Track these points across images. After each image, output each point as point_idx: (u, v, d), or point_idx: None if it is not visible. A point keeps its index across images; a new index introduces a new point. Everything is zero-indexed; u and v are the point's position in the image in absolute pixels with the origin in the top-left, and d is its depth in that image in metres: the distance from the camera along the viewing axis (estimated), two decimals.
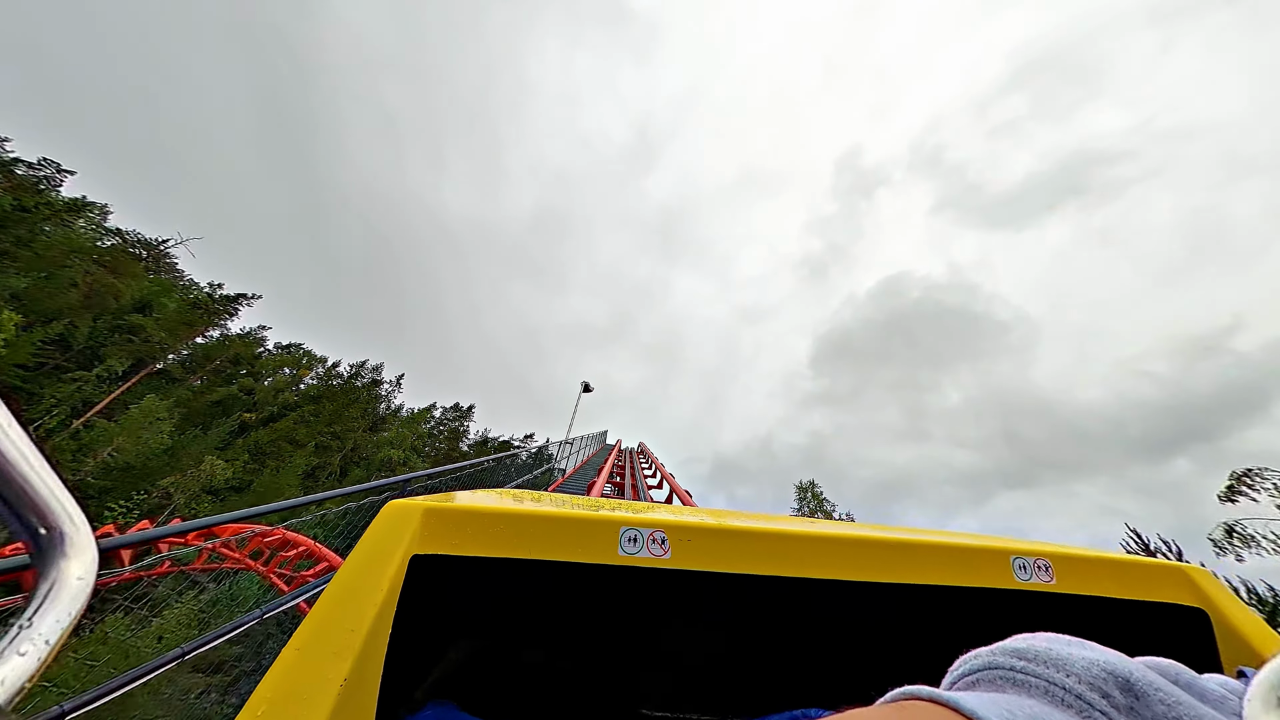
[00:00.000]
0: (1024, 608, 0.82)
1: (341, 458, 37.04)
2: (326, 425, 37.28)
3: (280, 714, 0.50)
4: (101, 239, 32.43)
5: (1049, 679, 0.25)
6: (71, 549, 0.24)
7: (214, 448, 29.45)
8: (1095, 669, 0.25)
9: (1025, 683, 0.26)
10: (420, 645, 0.86)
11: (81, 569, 0.23)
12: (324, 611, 0.59)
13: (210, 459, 27.17)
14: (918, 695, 0.26)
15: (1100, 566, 0.84)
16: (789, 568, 0.76)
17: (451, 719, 0.73)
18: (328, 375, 44.66)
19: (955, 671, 0.30)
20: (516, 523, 0.73)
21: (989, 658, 0.28)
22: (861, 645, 1.04)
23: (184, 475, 26.01)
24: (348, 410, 38.93)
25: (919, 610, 0.91)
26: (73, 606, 0.22)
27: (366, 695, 0.57)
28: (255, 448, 33.66)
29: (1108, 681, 0.24)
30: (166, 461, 26.17)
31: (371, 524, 0.72)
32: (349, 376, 45.27)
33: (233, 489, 30.14)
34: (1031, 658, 0.27)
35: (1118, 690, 0.24)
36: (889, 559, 0.79)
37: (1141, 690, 0.24)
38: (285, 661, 0.54)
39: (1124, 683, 0.24)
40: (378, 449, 38.35)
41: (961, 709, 0.23)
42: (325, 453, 36.29)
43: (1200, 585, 0.82)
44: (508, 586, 0.89)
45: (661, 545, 0.74)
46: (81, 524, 0.25)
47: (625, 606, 0.95)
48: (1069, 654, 0.26)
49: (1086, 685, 0.24)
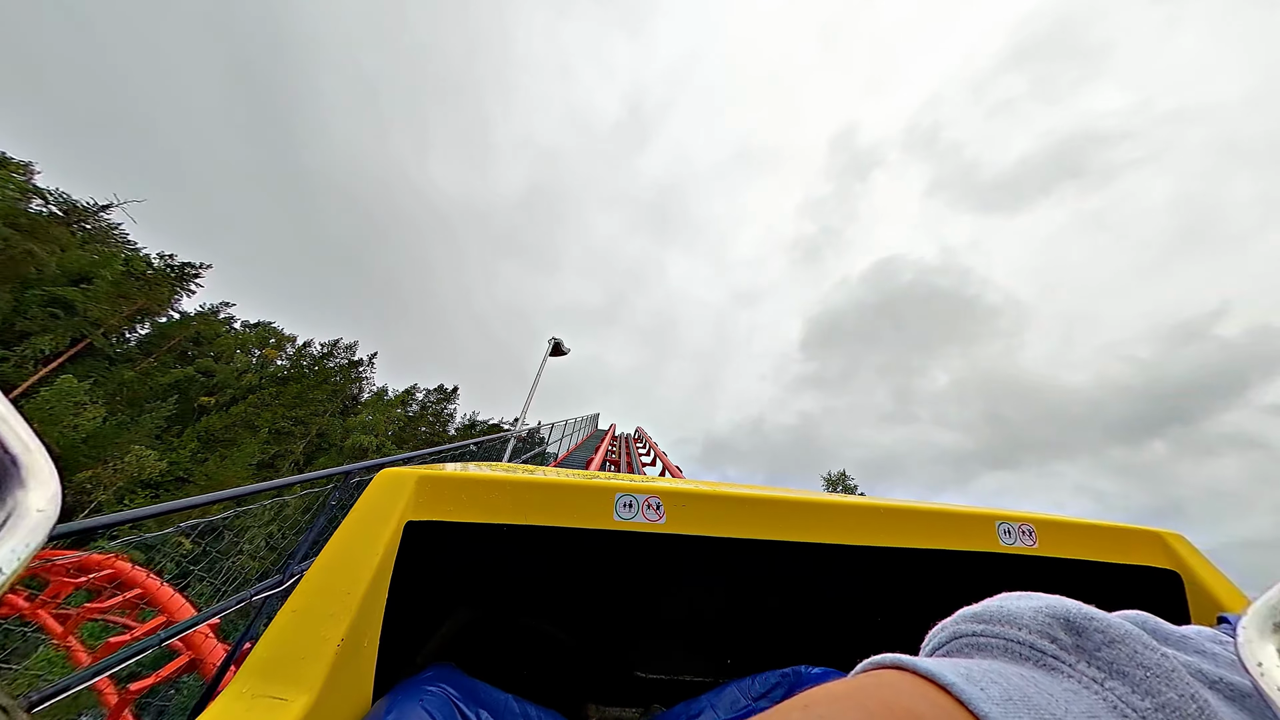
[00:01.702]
0: (1008, 570, 0.87)
1: (306, 445, 33.66)
2: (289, 409, 33.81)
3: (279, 673, 0.52)
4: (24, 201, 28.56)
5: (1005, 636, 0.27)
6: (31, 479, 0.22)
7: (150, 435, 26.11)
8: (1041, 616, 0.27)
9: (987, 645, 0.27)
10: (419, 612, 0.87)
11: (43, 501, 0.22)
12: (319, 576, 0.61)
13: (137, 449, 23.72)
14: (883, 664, 0.27)
15: (1080, 531, 0.90)
16: (781, 532, 0.79)
17: (453, 680, 0.73)
18: (298, 355, 41.19)
19: (927, 645, 0.31)
20: (512, 489, 0.75)
21: (954, 627, 0.30)
22: (853, 607, 1.08)
23: (105, 468, 22.63)
24: (313, 393, 35.39)
25: (909, 573, 0.95)
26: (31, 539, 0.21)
27: (364, 657, 0.59)
28: (207, 434, 30.35)
29: (1053, 625, 0.26)
30: (86, 453, 22.84)
31: (365, 491, 0.73)
32: (320, 356, 41.77)
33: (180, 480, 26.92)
34: (988, 619, 0.28)
35: (1062, 631, 0.26)
36: (881, 524, 0.83)
37: (1080, 625, 0.26)
38: (281, 622, 0.56)
39: (1065, 622, 0.26)
40: (348, 434, 34.89)
41: (920, 670, 0.24)
42: (287, 439, 32.90)
43: (1174, 549, 0.89)
44: (504, 552, 0.90)
45: (657, 510, 0.76)
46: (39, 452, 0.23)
47: (620, 571, 0.98)
48: (1018, 607, 0.28)
49: (1037, 634, 0.26)
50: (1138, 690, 0.23)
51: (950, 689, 0.22)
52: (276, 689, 0.50)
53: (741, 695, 0.89)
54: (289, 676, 0.51)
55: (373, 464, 5.61)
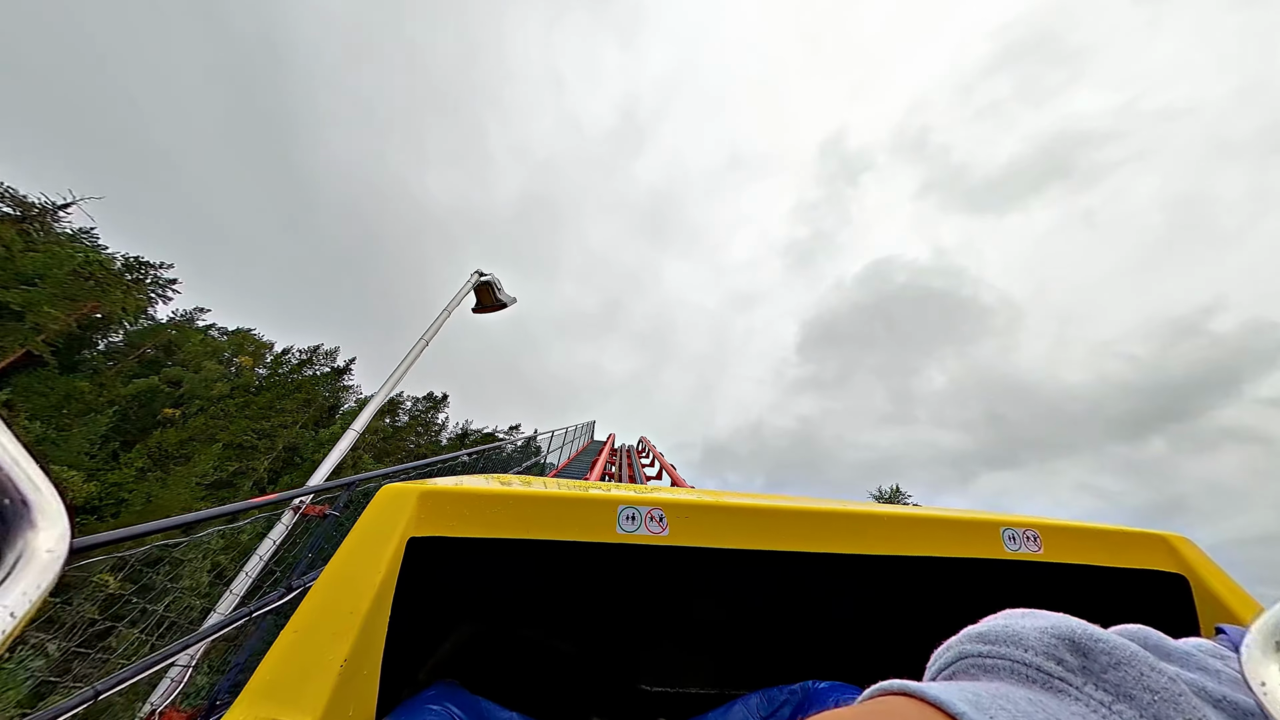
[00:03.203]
0: (1014, 577, 0.86)
1: (273, 460, 30.55)
2: (255, 421, 30.79)
3: (281, 695, 0.51)
4: None
5: (1010, 657, 0.26)
6: (41, 519, 0.22)
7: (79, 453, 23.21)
8: (1046, 637, 0.26)
9: (994, 667, 0.27)
10: (422, 628, 0.87)
11: (51, 541, 0.22)
12: (321, 595, 0.60)
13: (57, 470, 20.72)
14: (890, 690, 0.26)
15: (1086, 536, 0.88)
16: (786, 542, 0.78)
17: (456, 698, 0.73)
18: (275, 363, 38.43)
19: (933, 666, 0.30)
20: (515, 504, 0.74)
21: (959, 647, 0.29)
22: (859, 617, 1.07)
23: None
24: (283, 402, 32.37)
25: (915, 582, 0.94)
26: (41, 580, 0.21)
27: (367, 676, 0.58)
28: (160, 451, 27.44)
29: (1059, 646, 0.26)
30: None
31: (367, 508, 0.72)
32: (299, 363, 38.94)
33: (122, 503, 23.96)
34: (993, 639, 0.28)
35: (1068, 653, 0.26)
36: (886, 532, 0.82)
37: (1086, 647, 0.25)
38: (284, 644, 0.55)
39: (1070, 643, 0.26)
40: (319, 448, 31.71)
41: (928, 698, 0.24)
42: (250, 455, 29.83)
43: (1180, 552, 0.86)
44: (507, 567, 0.90)
45: (660, 523, 0.76)
46: (49, 492, 0.22)
47: (624, 584, 0.97)
48: (1022, 627, 0.28)
49: (1043, 656, 0.26)
50: (1144, 714, 0.22)
51: (960, 718, 0.22)
52: (279, 712, 0.49)
53: (749, 713, 0.88)
54: (291, 699, 0.50)
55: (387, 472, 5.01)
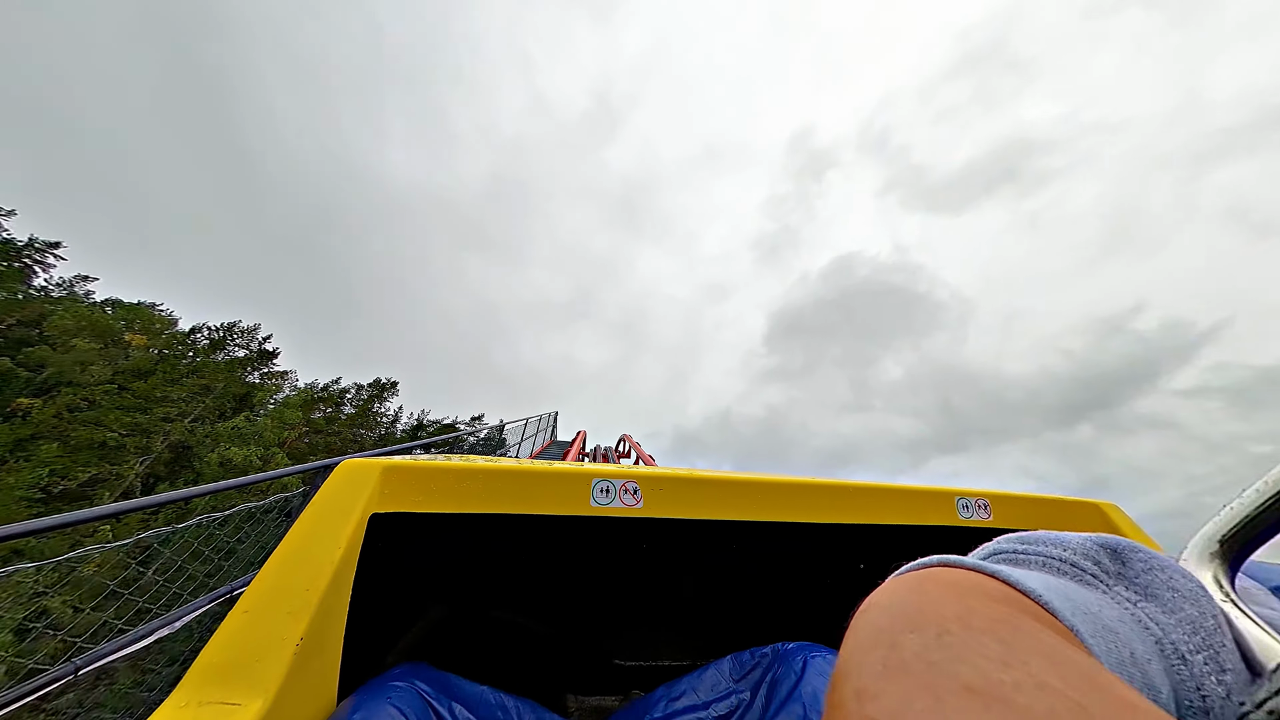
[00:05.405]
0: (967, 542, 0.92)
1: (153, 462, 23.97)
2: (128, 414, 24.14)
3: (230, 677, 0.47)
4: None
5: (1046, 554, 0.28)
6: None
7: None
8: (1088, 543, 0.28)
9: (1025, 561, 0.28)
10: (389, 609, 0.84)
11: None
12: (274, 572, 0.57)
13: None
14: (929, 564, 0.27)
15: (1030, 504, 0.99)
16: (757, 513, 0.82)
17: (423, 675, 0.72)
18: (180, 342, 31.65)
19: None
20: (485, 477, 0.73)
21: (994, 546, 0.30)
22: (826, 582, 1.12)
23: None
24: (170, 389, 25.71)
25: (877, 547, 0.99)
26: None
27: (327, 658, 0.55)
28: None
29: (1099, 551, 0.27)
30: None
31: (324, 483, 0.68)
32: (212, 344, 32.20)
33: None
34: (1033, 540, 0.29)
35: (1107, 558, 0.27)
36: (850, 502, 0.88)
37: (1125, 554, 0.27)
38: (232, 624, 0.51)
39: (1111, 550, 0.27)
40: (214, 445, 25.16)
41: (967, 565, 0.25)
42: (117, 455, 23.23)
43: (1111, 518, 0.96)
44: (476, 543, 0.89)
45: (634, 495, 0.77)
46: None
47: (598, 558, 0.98)
48: (1066, 536, 0.29)
49: (1080, 555, 0.27)
50: (1165, 609, 0.24)
51: (998, 575, 0.23)
52: (227, 694, 0.45)
53: (721, 677, 0.90)
54: (242, 680, 0.46)
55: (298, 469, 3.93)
